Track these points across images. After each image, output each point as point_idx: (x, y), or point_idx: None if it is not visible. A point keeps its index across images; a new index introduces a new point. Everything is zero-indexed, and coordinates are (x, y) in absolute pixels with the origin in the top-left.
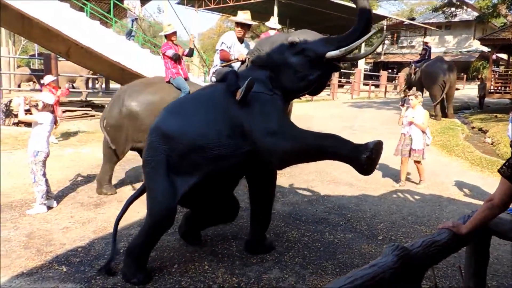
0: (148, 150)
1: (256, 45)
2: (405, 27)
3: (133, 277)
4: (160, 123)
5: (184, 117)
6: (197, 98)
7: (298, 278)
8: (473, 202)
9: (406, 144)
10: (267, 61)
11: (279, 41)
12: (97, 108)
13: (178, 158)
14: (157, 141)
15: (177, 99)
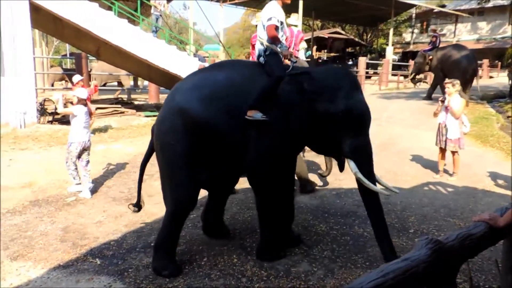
0: (170, 133)
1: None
2: (435, 15)
3: (164, 270)
4: (187, 105)
5: (213, 101)
6: (231, 80)
7: (327, 272)
8: (509, 194)
9: (442, 134)
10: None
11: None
12: (126, 105)
13: (203, 144)
14: (183, 124)
15: (205, 75)
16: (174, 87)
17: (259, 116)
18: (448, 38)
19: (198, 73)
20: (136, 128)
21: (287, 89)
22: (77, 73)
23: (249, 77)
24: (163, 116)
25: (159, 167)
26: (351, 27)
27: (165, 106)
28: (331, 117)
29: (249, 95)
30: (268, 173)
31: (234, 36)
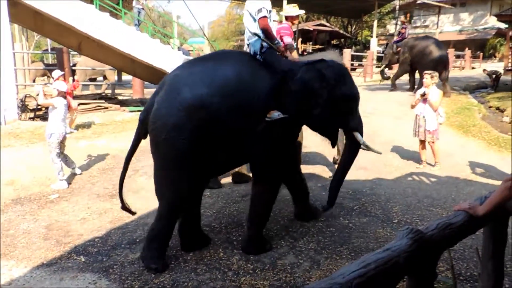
0: (176, 129)
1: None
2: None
3: (154, 264)
4: (198, 102)
5: (223, 98)
6: (238, 75)
7: (312, 263)
8: (490, 183)
9: (420, 125)
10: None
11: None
12: (110, 100)
13: (211, 141)
14: (192, 121)
15: (208, 69)
16: (173, 80)
17: (277, 115)
18: (431, 30)
19: (197, 64)
20: (120, 123)
21: (307, 77)
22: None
23: (253, 72)
24: (168, 111)
25: (157, 161)
26: (336, 19)
27: (168, 100)
28: (346, 99)
29: (257, 91)
30: (279, 163)
31: (219, 29)
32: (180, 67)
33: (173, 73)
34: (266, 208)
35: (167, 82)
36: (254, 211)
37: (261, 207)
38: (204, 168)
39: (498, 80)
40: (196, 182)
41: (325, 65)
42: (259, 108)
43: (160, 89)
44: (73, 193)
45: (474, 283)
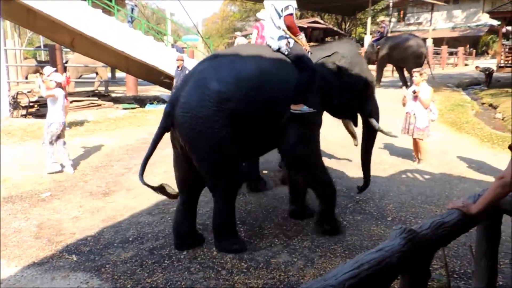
0: (208, 121)
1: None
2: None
3: (235, 245)
4: (228, 96)
5: (252, 91)
6: (264, 69)
7: (306, 262)
8: (484, 180)
9: (410, 123)
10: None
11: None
12: (103, 98)
13: (241, 132)
14: (224, 113)
15: (235, 62)
16: (201, 74)
17: (307, 109)
18: (424, 27)
19: (223, 58)
20: (113, 121)
21: (324, 71)
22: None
23: (278, 65)
24: (198, 104)
25: (199, 154)
26: (330, 16)
27: (196, 93)
28: (363, 86)
29: (284, 85)
30: (305, 154)
31: (213, 27)
32: (205, 61)
33: (198, 68)
34: (323, 191)
35: (193, 77)
36: (319, 195)
37: (323, 188)
38: (242, 152)
39: (491, 77)
40: (239, 165)
41: (339, 57)
42: (285, 101)
43: (185, 83)
44: (65, 191)
45: (468, 281)
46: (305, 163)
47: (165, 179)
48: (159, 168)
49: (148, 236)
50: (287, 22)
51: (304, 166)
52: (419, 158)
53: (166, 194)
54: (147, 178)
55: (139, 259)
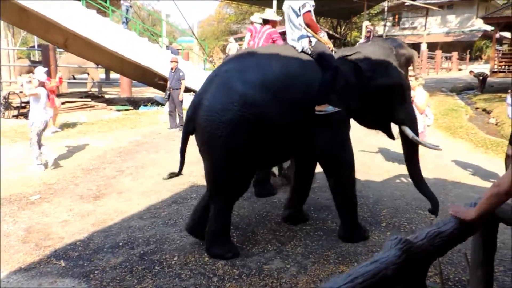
0: (231, 125)
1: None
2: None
3: (229, 253)
4: (253, 99)
5: (277, 94)
6: (287, 71)
7: (299, 268)
8: (478, 185)
9: None
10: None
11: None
12: (97, 99)
13: (265, 137)
14: (248, 117)
15: (257, 64)
16: (225, 76)
17: (331, 109)
18: (419, 31)
19: (247, 60)
20: (106, 122)
21: (343, 71)
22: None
23: (303, 66)
24: (223, 107)
25: (212, 157)
26: (325, 20)
27: (221, 96)
28: (388, 90)
29: (310, 87)
30: (341, 154)
31: (209, 29)
32: (229, 63)
33: (222, 69)
34: (349, 196)
35: (217, 78)
36: (342, 203)
37: (348, 196)
38: (257, 162)
39: (485, 82)
40: (250, 176)
41: (360, 57)
42: (310, 102)
43: (208, 86)
44: (55, 194)
45: None
46: (340, 163)
47: (157, 182)
48: (151, 171)
49: (138, 241)
50: (306, 19)
51: (338, 167)
52: None
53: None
54: (139, 181)
55: (129, 265)
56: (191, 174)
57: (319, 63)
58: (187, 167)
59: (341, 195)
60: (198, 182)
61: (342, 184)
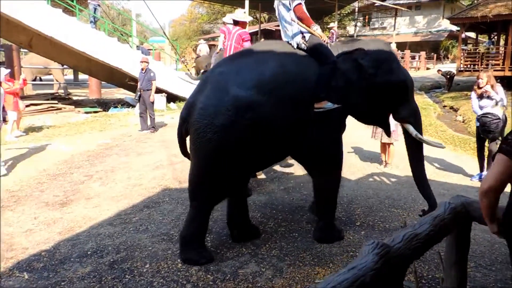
0: (225, 129)
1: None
2: (376, 9)
3: (202, 258)
4: (247, 102)
5: (272, 94)
6: (284, 68)
7: (275, 272)
8: (448, 182)
9: (377, 127)
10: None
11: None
12: (64, 101)
13: (260, 139)
14: (242, 121)
15: (252, 64)
16: (219, 78)
17: (330, 105)
18: (388, 31)
19: (242, 60)
20: (74, 125)
21: (344, 68)
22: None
23: (299, 62)
24: (216, 109)
25: (197, 160)
26: None
27: (215, 99)
28: (392, 87)
29: (308, 85)
30: (333, 152)
31: (181, 28)
32: (223, 63)
33: (217, 70)
34: (333, 196)
35: (211, 79)
36: (323, 201)
37: (330, 196)
38: (248, 165)
39: (452, 80)
40: (237, 181)
41: (362, 54)
42: (308, 99)
43: (203, 87)
44: (19, 201)
45: (436, 286)
46: (330, 162)
47: (128, 186)
48: (121, 175)
49: (108, 249)
50: (297, 13)
51: (328, 165)
52: (386, 162)
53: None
54: (108, 186)
55: (98, 275)
56: (163, 177)
57: (316, 58)
58: (158, 170)
59: (324, 194)
60: (170, 186)
61: (328, 183)
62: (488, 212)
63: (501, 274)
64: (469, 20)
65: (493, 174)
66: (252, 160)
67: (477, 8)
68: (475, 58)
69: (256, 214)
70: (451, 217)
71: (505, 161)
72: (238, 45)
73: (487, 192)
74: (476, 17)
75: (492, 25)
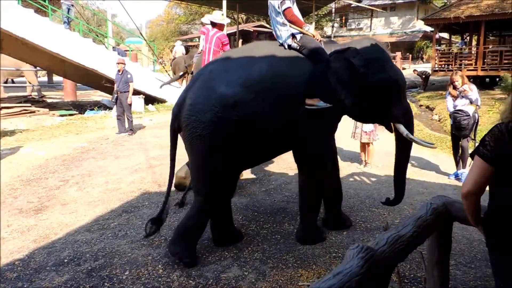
0: (212, 126)
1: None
2: (353, 10)
3: (186, 258)
4: (234, 99)
5: (261, 93)
6: (274, 68)
7: (258, 275)
8: (426, 180)
9: (357, 127)
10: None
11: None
12: (37, 104)
13: (248, 136)
14: (230, 118)
15: (242, 62)
16: (209, 76)
17: (323, 104)
18: (365, 32)
19: (232, 59)
20: (48, 129)
21: (336, 66)
22: None
23: (291, 62)
24: (204, 107)
25: (192, 157)
26: None
27: (203, 96)
28: (384, 86)
29: (295, 82)
30: (322, 152)
31: (158, 29)
32: (214, 61)
33: (207, 68)
34: (316, 197)
35: (201, 77)
36: (304, 202)
37: (311, 196)
38: (240, 162)
39: (428, 80)
40: (231, 177)
41: (353, 53)
42: (298, 98)
43: (193, 84)
44: None
45: (418, 285)
46: (317, 162)
47: (105, 191)
48: (99, 180)
49: (86, 256)
50: (287, 16)
51: (314, 165)
52: (366, 161)
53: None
54: (85, 191)
55: (75, 283)
56: (142, 180)
57: (309, 57)
58: (137, 173)
59: (305, 194)
60: (150, 189)
61: (309, 183)
62: (472, 215)
63: (481, 272)
64: (443, 21)
65: (471, 177)
66: (243, 156)
67: (450, 9)
68: (449, 58)
69: (237, 217)
70: (433, 218)
71: (482, 164)
72: (218, 49)
73: (467, 196)
74: (449, 18)
75: (464, 26)
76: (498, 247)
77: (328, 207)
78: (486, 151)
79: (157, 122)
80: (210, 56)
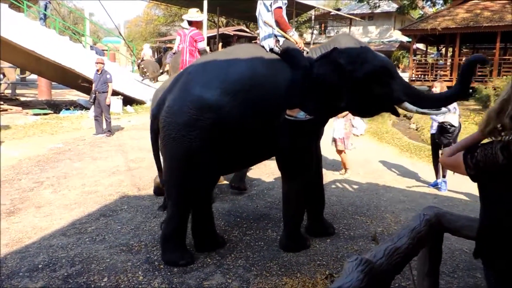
0: (187, 127)
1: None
2: (332, 17)
3: (181, 259)
4: (210, 101)
5: (237, 95)
6: (253, 71)
7: (242, 283)
8: (406, 189)
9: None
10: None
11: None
12: (10, 102)
13: (224, 140)
14: (204, 120)
15: (221, 65)
16: (187, 77)
17: (302, 116)
18: None
19: (212, 61)
20: (22, 128)
21: (323, 73)
22: None
23: (271, 67)
24: (180, 108)
25: (166, 159)
26: (255, 25)
27: (179, 98)
28: (374, 76)
29: (274, 87)
30: (300, 160)
31: (136, 30)
32: (195, 63)
33: (188, 69)
34: (299, 204)
35: (182, 78)
36: (288, 209)
37: (295, 203)
38: (216, 167)
39: None
40: (206, 181)
41: (338, 53)
42: (278, 103)
43: (173, 85)
44: None
45: None
46: (297, 174)
47: (82, 193)
48: (75, 182)
49: (62, 262)
50: (275, 15)
51: (298, 172)
52: (345, 168)
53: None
54: (61, 193)
55: None
56: (120, 183)
57: (288, 62)
58: (115, 176)
59: (292, 202)
60: (128, 193)
61: (289, 189)
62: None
63: (463, 282)
64: (420, 32)
65: (452, 158)
66: (219, 161)
67: (427, 21)
68: (425, 69)
69: (220, 222)
70: (426, 229)
71: (461, 165)
72: (192, 47)
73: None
74: (426, 29)
75: (440, 37)
76: (494, 266)
77: (311, 215)
78: (472, 164)
79: (136, 124)
80: (186, 56)
